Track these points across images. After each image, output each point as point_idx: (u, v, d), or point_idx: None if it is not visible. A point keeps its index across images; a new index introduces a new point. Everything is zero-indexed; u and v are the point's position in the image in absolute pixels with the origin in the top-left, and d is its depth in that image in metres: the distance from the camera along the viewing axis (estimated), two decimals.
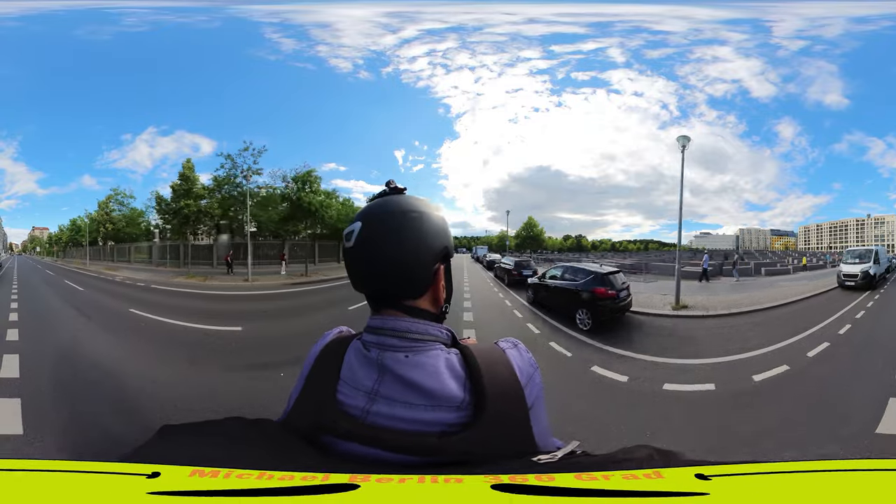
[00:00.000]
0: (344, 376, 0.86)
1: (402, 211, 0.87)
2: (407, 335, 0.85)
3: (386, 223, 0.86)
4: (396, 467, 0.75)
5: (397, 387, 0.82)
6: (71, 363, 6.20)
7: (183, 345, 7.51)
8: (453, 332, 0.92)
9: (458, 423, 0.79)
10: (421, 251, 0.86)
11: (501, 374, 0.83)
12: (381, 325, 0.87)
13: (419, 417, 0.80)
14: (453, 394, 0.80)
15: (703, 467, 0.72)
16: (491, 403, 0.79)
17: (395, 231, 0.85)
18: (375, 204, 0.90)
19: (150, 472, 0.70)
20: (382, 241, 0.85)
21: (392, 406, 0.81)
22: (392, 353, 0.84)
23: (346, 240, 0.89)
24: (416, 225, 0.87)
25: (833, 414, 4.62)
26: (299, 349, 1.08)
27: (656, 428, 4.43)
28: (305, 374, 0.91)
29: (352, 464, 0.76)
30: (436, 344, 0.86)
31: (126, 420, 4.31)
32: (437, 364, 0.83)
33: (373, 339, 0.87)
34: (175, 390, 5.24)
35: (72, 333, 8.27)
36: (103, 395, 5.04)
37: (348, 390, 0.84)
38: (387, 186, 0.95)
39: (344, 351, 0.90)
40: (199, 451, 0.79)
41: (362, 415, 0.81)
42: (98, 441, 3.89)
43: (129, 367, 6.09)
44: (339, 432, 0.81)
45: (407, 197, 0.91)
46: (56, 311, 10.69)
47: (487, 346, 0.90)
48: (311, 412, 0.85)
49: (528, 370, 0.88)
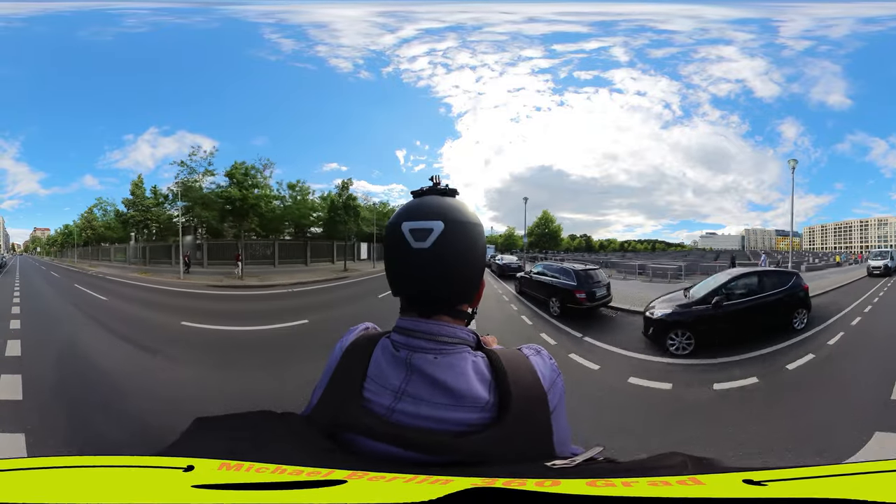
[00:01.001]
0: (371, 374, 0.87)
1: (474, 220, 0.90)
2: (437, 337, 0.87)
3: (469, 227, 0.88)
4: (412, 465, 0.74)
5: (425, 386, 0.83)
6: (39, 302, 11.99)
7: (91, 306, 12.09)
8: (478, 335, 0.94)
9: (480, 423, 0.80)
10: (482, 258, 0.91)
11: (525, 377, 0.84)
12: (413, 327, 0.88)
13: (442, 416, 0.81)
14: (479, 394, 0.82)
15: (751, 473, 0.66)
16: (515, 404, 0.80)
17: (473, 238, 0.88)
18: (455, 206, 0.90)
19: (186, 466, 0.72)
20: (463, 247, 0.87)
21: (418, 405, 0.82)
22: (422, 355, 0.86)
23: (414, 238, 0.86)
24: (482, 233, 0.91)
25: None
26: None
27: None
28: (331, 371, 0.92)
29: (370, 461, 0.77)
30: (463, 347, 0.87)
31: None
32: (464, 366, 0.84)
33: (402, 340, 0.88)
34: (74, 336, 8.41)
35: (44, 295, 13.98)
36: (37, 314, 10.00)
37: (375, 388, 0.85)
38: (434, 183, 0.94)
39: (372, 349, 0.90)
40: (227, 444, 0.82)
41: (387, 412, 0.83)
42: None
43: (53, 304, 11.86)
44: (361, 429, 0.82)
45: (466, 203, 0.92)
46: (37, 287, 16.20)
47: (512, 351, 0.91)
48: (337, 408, 0.86)
49: (551, 376, 0.89)
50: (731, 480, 0.66)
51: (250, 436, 0.84)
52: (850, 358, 7.30)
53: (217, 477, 0.68)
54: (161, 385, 5.78)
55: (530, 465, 0.74)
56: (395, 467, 0.71)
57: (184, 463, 0.72)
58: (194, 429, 0.87)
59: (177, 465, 0.72)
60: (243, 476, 0.69)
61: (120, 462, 0.76)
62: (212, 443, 0.83)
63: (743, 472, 0.67)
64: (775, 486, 0.63)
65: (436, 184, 0.93)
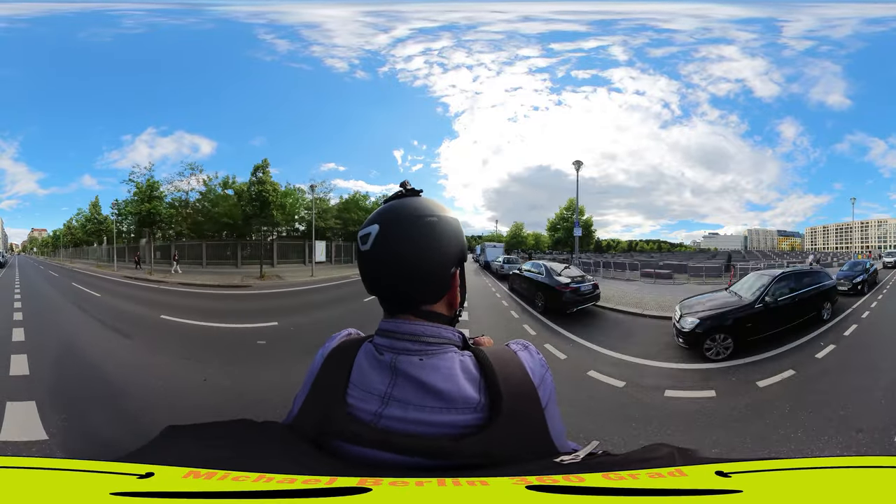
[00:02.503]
0: (354, 380, 0.86)
1: (420, 214, 0.88)
2: (420, 338, 0.86)
3: (406, 226, 0.86)
4: (410, 471, 0.74)
5: (412, 390, 0.82)
6: (31, 283, 18.55)
7: (54, 287, 17.98)
8: (464, 334, 0.92)
9: (474, 424, 0.79)
10: (440, 255, 0.87)
11: (514, 374, 0.84)
12: (395, 329, 0.88)
13: (434, 420, 0.80)
14: (469, 395, 0.81)
15: (723, 464, 0.73)
16: (506, 404, 0.79)
17: (414, 234, 0.86)
18: (393, 206, 0.90)
19: (144, 473, 0.71)
20: (402, 245, 0.85)
21: (406, 409, 0.81)
22: (406, 357, 0.85)
23: (361, 242, 0.89)
24: (435, 228, 0.87)
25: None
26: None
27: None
28: (313, 377, 0.91)
29: (362, 468, 0.76)
30: (449, 346, 0.87)
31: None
32: (451, 366, 0.83)
33: (385, 343, 0.87)
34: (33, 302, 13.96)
35: (30, 275, 22.14)
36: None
37: (359, 394, 0.85)
38: (402, 188, 0.95)
39: (354, 354, 0.90)
40: (202, 452, 0.79)
41: (374, 419, 0.81)
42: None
43: (33, 279, 19.99)
44: (347, 436, 0.81)
45: (424, 199, 0.92)
46: (30, 272, 24.64)
47: (499, 348, 0.91)
48: (320, 416, 0.84)
49: (539, 371, 0.89)
50: (706, 472, 0.72)
51: (230, 444, 0.83)
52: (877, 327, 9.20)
53: (178, 484, 0.68)
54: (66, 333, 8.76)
55: (538, 461, 0.75)
56: (390, 472, 0.71)
57: (142, 469, 0.71)
58: (162, 436, 0.86)
59: (133, 471, 0.71)
60: (214, 484, 0.67)
61: (64, 465, 0.76)
62: (181, 451, 0.81)
63: (717, 463, 0.74)
64: (738, 479, 0.68)
65: (401, 188, 0.95)
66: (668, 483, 0.67)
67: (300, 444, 0.81)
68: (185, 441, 0.85)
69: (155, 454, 0.79)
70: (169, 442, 0.84)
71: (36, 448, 3.75)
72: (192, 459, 0.74)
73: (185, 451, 0.80)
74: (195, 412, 4.62)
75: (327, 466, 0.74)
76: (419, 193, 0.94)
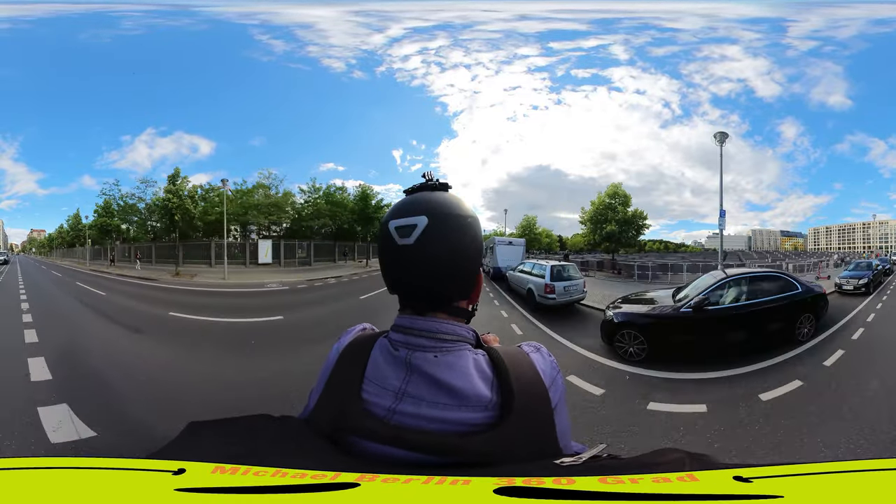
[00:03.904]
0: (370, 375, 0.86)
1: (465, 212, 0.87)
2: (436, 335, 0.85)
3: (459, 222, 0.85)
4: (419, 467, 0.74)
5: (426, 386, 0.82)
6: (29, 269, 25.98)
7: (43, 276, 23.14)
8: (477, 332, 0.92)
9: (484, 422, 0.79)
10: (477, 255, 0.87)
11: (526, 374, 0.84)
12: (410, 325, 0.87)
13: (445, 417, 0.80)
14: (482, 394, 0.81)
15: (740, 469, 0.69)
16: (518, 403, 0.79)
17: (461, 231, 0.85)
18: (439, 200, 0.87)
19: (176, 469, 0.72)
20: (450, 241, 0.84)
21: (419, 405, 0.81)
22: (421, 353, 0.84)
23: (399, 234, 0.84)
24: (475, 226, 0.87)
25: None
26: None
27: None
28: (328, 373, 0.91)
29: (373, 463, 0.76)
30: (464, 344, 0.86)
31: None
32: (466, 364, 0.83)
33: (401, 339, 0.87)
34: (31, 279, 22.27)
35: (24, 268, 27.14)
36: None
37: (374, 389, 0.85)
38: (426, 179, 0.91)
39: (369, 349, 0.89)
40: (225, 448, 0.81)
41: (387, 414, 0.82)
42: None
43: (29, 270, 25.98)
44: (362, 432, 0.81)
45: (459, 197, 0.89)
46: (27, 267, 28.20)
47: (511, 349, 0.91)
48: (336, 411, 0.85)
49: (551, 372, 0.89)
50: (723, 477, 0.68)
51: (248, 439, 0.84)
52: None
53: (209, 480, 0.69)
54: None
55: (539, 462, 0.74)
56: (401, 469, 0.71)
57: (174, 466, 0.72)
58: (187, 432, 0.87)
59: (166, 468, 0.72)
60: (239, 479, 0.69)
61: (106, 464, 0.78)
62: (206, 446, 0.83)
63: (734, 468, 0.70)
64: (760, 483, 0.64)
65: (428, 180, 0.91)
66: (677, 488, 0.64)
67: (316, 439, 0.82)
68: (209, 437, 0.87)
69: (182, 451, 0.81)
70: (193, 438, 0.86)
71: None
72: (217, 455, 0.76)
73: (209, 446, 0.83)
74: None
75: (337, 462, 0.74)
76: (449, 187, 0.91)
